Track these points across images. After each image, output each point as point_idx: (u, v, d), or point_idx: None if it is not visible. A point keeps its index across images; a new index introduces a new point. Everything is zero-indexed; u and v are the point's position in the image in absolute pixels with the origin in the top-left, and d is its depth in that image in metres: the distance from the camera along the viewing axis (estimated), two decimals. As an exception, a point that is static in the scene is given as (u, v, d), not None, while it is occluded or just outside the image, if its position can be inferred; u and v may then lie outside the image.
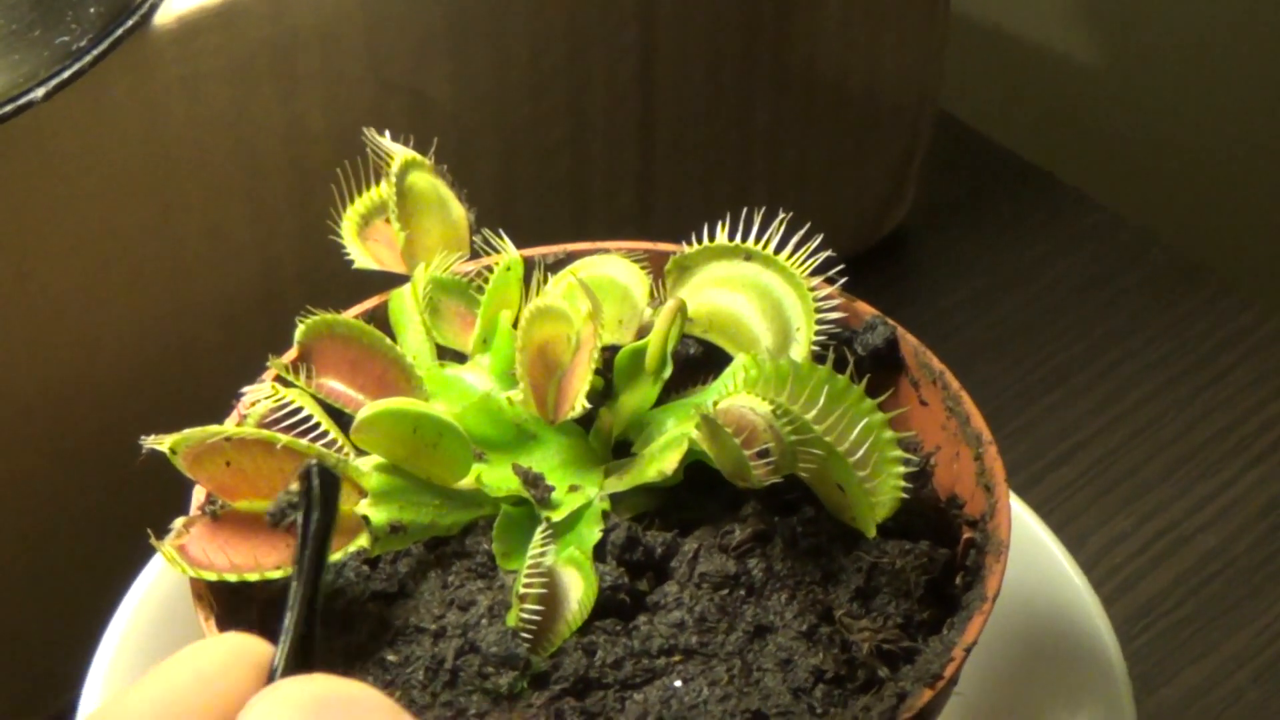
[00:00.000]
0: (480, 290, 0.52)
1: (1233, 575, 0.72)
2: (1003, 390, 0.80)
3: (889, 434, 0.46)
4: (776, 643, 0.45)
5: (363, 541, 0.45)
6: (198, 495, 0.48)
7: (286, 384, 0.49)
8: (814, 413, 0.45)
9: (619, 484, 0.48)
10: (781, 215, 0.51)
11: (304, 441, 0.45)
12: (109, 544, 0.62)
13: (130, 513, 0.61)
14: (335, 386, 0.50)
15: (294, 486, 0.42)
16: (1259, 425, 0.79)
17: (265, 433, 0.44)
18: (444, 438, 0.47)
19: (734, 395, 0.46)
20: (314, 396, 0.49)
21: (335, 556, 0.45)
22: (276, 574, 0.44)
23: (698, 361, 0.53)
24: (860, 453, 0.45)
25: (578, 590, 0.46)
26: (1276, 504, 0.75)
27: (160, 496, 0.47)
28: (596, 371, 0.48)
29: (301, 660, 0.36)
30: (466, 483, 0.48)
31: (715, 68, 0.72)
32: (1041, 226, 0.90)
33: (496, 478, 0.48)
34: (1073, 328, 0.84)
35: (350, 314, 0.53)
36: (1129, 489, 0.76)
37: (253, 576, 0.44)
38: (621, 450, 0.50)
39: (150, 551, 0.55)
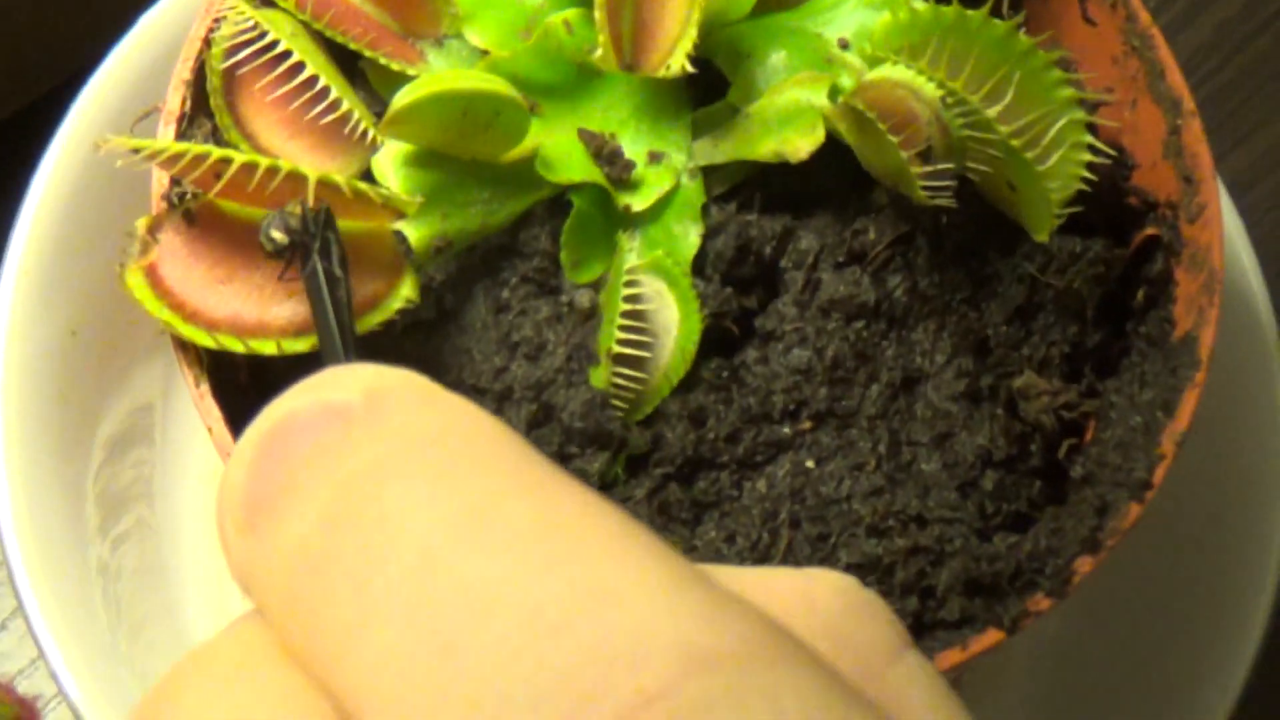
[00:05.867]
0: None
1: None
2: None
3: (1079, 115, 0.35)
4: (929, 401, 0.35)
5: (406, 292, 0.34)
6: (159, 179, 0.35)
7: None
8: (997, 109, 0.34)
9: (715, 154, 0.37)
10: None
11: (314, 173, 0.32)
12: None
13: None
14: (327, -10, 0.37)
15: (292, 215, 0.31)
16: None
17: (272, 161, 0.32)
18: (501, 115, 0.34)
19: (887, 69, 0.34)
20: (306, 25, 0.36)
21: (379, 318, 0.33)
22: (299, 346, 0.33)
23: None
24: (1048, 151, 0.34)
25: (674, 325, 0.35)
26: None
27: None
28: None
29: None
30: (519, 152, 0.36)
31: None
32: None
33: (558, 147, 0.36)
34: None
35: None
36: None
37: (268, 349, 0.33)
38: (702, 80, 0.38)
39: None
